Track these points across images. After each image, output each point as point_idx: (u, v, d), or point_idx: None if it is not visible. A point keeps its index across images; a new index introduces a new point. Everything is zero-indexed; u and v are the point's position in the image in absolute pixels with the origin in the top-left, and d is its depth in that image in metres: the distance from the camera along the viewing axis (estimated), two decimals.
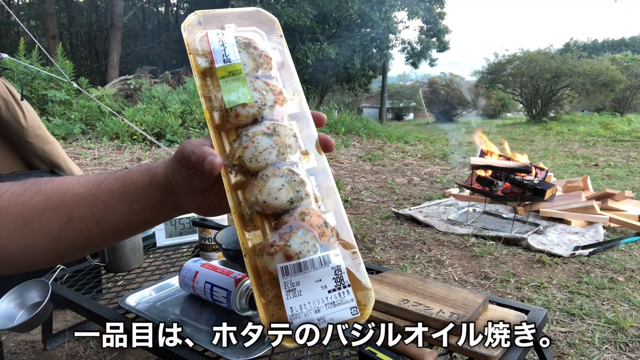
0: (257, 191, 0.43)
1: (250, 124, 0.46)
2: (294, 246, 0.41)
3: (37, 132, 1.97)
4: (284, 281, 0.41)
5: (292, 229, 0.42)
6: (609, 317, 1.78)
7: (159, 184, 0.48)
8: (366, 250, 2.59)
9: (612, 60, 14.39)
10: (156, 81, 8.72)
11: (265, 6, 11.14)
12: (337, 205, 0.46)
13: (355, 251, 0.45)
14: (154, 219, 0.51)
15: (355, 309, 0.42)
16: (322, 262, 0.42)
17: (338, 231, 0.45)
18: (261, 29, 0.51)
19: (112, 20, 13.02)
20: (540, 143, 8.16)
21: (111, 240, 0.52)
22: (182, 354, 0.91)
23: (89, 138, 6.32)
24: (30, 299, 1.25)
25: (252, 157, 0.44)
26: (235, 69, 0.46)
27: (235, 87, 0.46)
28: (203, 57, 0.48)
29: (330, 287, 0.42)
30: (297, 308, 0.41)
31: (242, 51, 0.47)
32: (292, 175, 0.44)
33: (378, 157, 6.28)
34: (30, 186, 0.50)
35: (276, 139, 0.45)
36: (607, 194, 3.22)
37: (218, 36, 0.48)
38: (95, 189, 0.49)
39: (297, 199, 0.43)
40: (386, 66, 15.11)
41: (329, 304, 0.42)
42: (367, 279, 0.44)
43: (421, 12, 13.16)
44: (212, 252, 1.40)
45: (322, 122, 0.49)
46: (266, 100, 0.46)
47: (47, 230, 0.48)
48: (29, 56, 7.02)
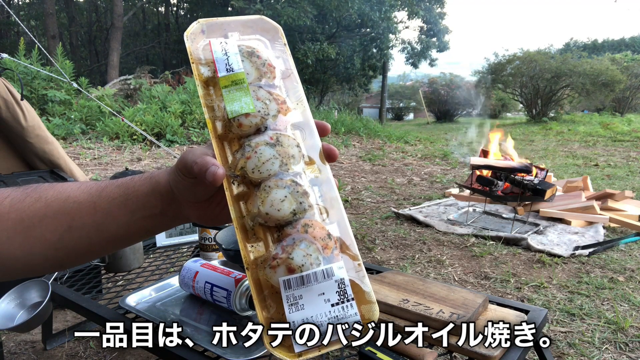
0: (260, 202, 0.43)
1: (253, 134, 0.45)
2: (296, 259, 0.41)
3: (37, 132, 1.97)
4: (286, 295, 0.41)
5: (295, 242, 0.42)
6: (609, 317, 1.78)
7: (160, 193, 0.48)
8: (366, 250, 2.59)
9: (612, 60, 14.37)
10: (156, 81, 8.72)
11: (266, 6, 11.14)
12: (341, 216, 0.45)
13: (360, 263, 0.44)
14: (155, 227, 0.51)
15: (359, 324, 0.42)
16: (326, 275, 0.41)
17: (342, 243, 0.44)
18: (265, 37, 0.51)
19: (112, 20, 13.02)
20: (540, 143, 8.16)
21: (112, 247, 0.52)
22: (182, 354, 0.91)
23: (89, 138, 6.32)
24: (30, 299, 1.25)
25: (254, 167, 0.43)
26: (238, 78, 0.46)
27: (238, 97, 0.45)
28: (206, 66, 0.47)
29: (334, 301, 0.41)
30: (299, 322, 0.41)
31: (245, 60, 0.47)
32: (295, 186, 0.43)
33: (378, 157, 6.28)
34: (31, 192, 0.49)
35: (279, 149, 0.44)
36: (607, 194, 3.22)
37: (221, 45, 0.47)
38: (97, 197, 0.49)
39: (300, 211, 0.43)
40: (386, 66, 15.10)
41: (332, 318, 0.41)
42: (371, 292, 0.43)
43: (421, 12, 13.16)
44: (212, 252, 1.40)
45: (325, 131, 0.49)
46: (269, 110, 0.46)
47: (48, 237, 0.48)
48: (29, 56, 7.02)
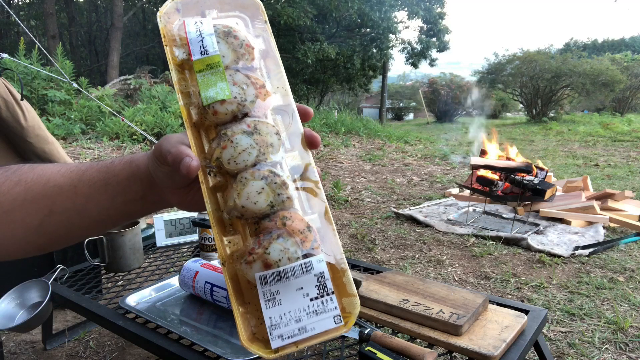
0: (236, 195, 0.41)
1: (230, 122, 0.43)
2: (273, 254, 0.39)
3: (37, 132, 1.97)
4: (262, 290, 0.39)
5: (272, 236, 0.40)
6: (609, 317, 1.78)
7: (140, 178, 0.47)
8: (366, 250, 2.59)
9: (612, 60, 14.37)
10: (156, 81, 8.71)
11: (265, 5, 11.12)
12: (323, 206, 0.43)
13: (341, 254, 0.43)
14: (137, 212, 0.50)
15: (339, 318, 0.40)
16: (304, 270, 0.40)
17: (322, 234, 0.42)
18: (244, 14, 0.48)
19: (112, 20, 13.02)
20: (540, 143, 8.16)
21: (94, 231, 0.51)
22: (182, 354, 0.91)
23: (89, 138, 6.32)
24: (30, 299, 1.25)
25: (230, 158, 0.41)
26: (214, 61, 0.43)
27: (214, 82, 0.42)
28: (181, 48, 0.45)
29: (313, 295, 0.40)
30: (276, 318, 0.39)
31: (221, 41, 0.44)
32: (273, 177, 0.41)
33: (378, 157, 6.28)
34: (11, 175, 0.48)
35: (257, 138, 0.42)
36: (607, 194, 3.22)
37: (196, 25, 0.44)
38: (77, 180, 0.48)
39: (278, 203, 0.41)
40: (386, 66, 15.11)
41: (310, 313, 0.40)
42: (352, 284, 0.42)
43: (421, 12, 13.15)
44: (212, 252, 1.40)
45: (308, 116, 0.47)
46: (247, 96, 0.43)
47: (28, 222, 0.47)
48: (29, 56, 7.01)
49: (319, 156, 6.06)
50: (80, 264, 1.47)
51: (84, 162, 0.51)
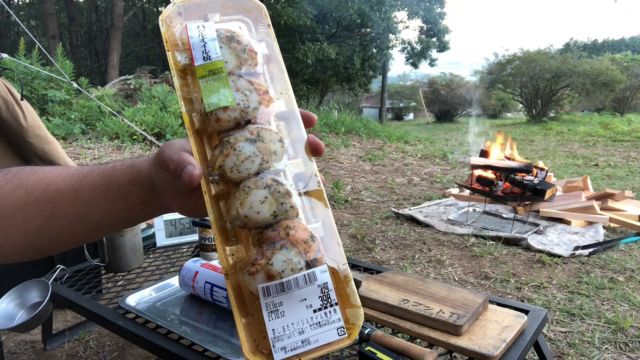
0: (239, 204, 0.40)
1: (233, 129, 0.42)
2: (276, 265, 0.39)
3: (37, 132, 1.97)
4: (265, 302, 0.39)
5: (275, 246, 0.39)
6: (609, 317, 1.78)
7: (141, 183, 0.47)
8: (366, 250, 2.59)
9: (612, 60, 14.38)
10: (156, 81, 8.71)
11: (265, 6, 11.12)
12: (327, 215, 0.43)
13: (345, 263, 0.42)
14: (138, 216, 0.50)
15: (343, 329, 0.40)
16: (307, 280, 0.39)
17: (327, 243, 0.42)
18: (247, 17, 0.47)
19: (112, 20, 13.02)
20: (540, 143, 8.16)
21: (95, 235, 0.51)
22: (182, 354, 0.91)
23: (89, 138, 6.32)
24: (30, 299, 1.25)
25: (233, 166, 0.40)
26: (216, 67, 0.42)
27: (216, 88, 0.42)
28: (183, 52, 0.44)
29: (316, 307, 0.40)
30: (279, 330, 0.39)
31: (223, 46, 0.43)
32: (277, 186, 0.40)
33: (378, 157, 6.28)
34: (12, 178, 0.48)
35: (260, 146, 0.41)
36: (607, 194, 3.22)
37: (198, 29, 0.43)
38: (78, 185, 0.47)
39: (282, 212, 0.40)
40: (386, 66, 15.11)
41: (314, 325, 0.39)
42: (356, 295, 0.41)
43: (421, 12, 13.15)
44: (212, 252, 1.40)
45: (312, 122, 0.46)
46: (250, 102, 0.42)
47: (29, 225, 0.47)
48: (29, 56, 7.01)
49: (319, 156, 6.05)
50: (80, 264, 1.47)
51: (85, 166, 0.51)
